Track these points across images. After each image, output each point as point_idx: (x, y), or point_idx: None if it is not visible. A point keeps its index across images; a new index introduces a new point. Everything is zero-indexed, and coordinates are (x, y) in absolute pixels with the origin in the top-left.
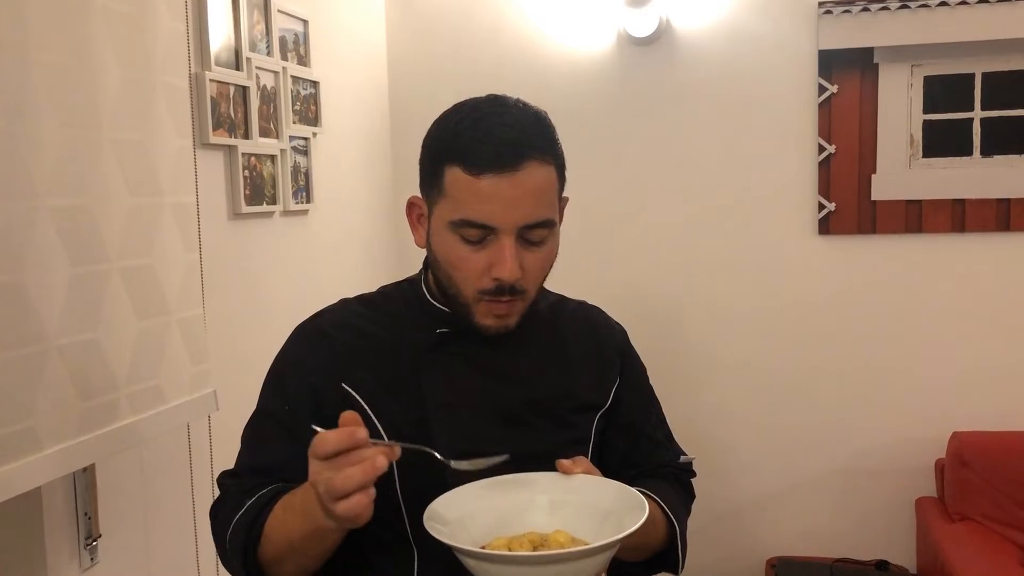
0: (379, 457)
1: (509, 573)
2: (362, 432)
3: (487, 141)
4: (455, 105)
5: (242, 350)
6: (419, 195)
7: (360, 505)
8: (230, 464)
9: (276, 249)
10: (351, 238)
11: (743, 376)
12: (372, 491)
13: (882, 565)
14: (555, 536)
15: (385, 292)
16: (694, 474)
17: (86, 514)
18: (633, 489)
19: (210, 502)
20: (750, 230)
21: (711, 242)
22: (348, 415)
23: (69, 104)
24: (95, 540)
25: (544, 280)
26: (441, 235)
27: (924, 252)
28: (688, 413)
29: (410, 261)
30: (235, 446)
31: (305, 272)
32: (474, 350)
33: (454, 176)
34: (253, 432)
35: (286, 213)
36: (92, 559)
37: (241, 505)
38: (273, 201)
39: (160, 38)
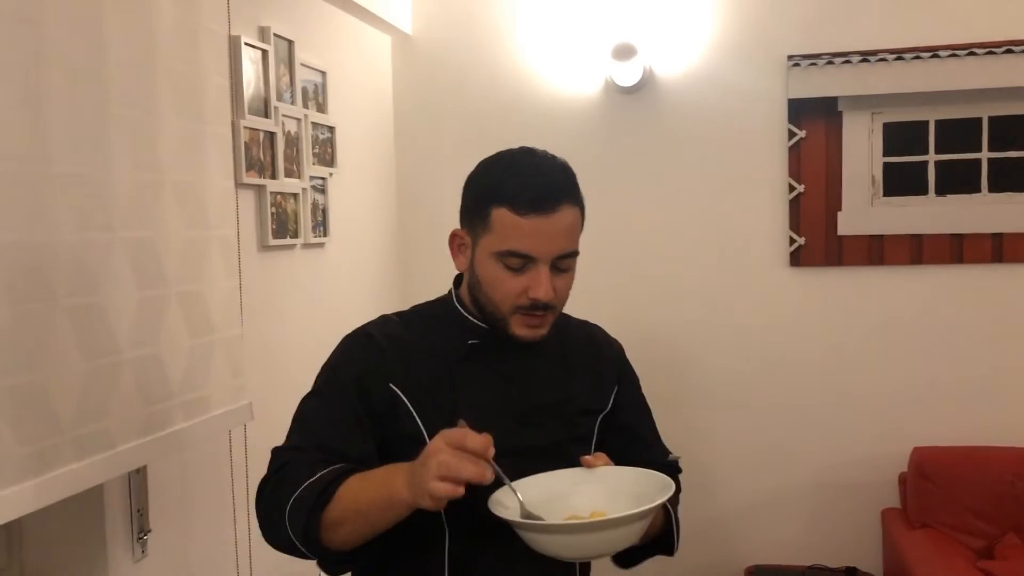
0: (489, 471)
1: (567, 540)
2: (492, 449)
3: (530, 187)
4: (495, 155)
5: (268, 368)
6: (460, 228)
7: (449, 491)
8: (263, 470)
9: (297, 277)
10: (361, 267)
11: (721, 396)
12: (462, 490)
13: (851, 571)
14: (594, 516)
15: (418, 310)
16: (680, 470)
17: (139, 510)
18: (653, 471)
19: (247, 506)
20: (728, 263)
21: (691, 274)
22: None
23: (139, 150)
24: (146, 534)
25: (567, 298)
26: (485, 262)
27: (886, 282)
28: (669, 430)
29: (412, 287)
30: (265, 453)
31: (322, 297)
32: (498, 360)
33: (501, 215)
34: (316, 412)
35: (306, 245)
36: (143, 552)
37: (315, 472)
38: (295, 235)
39: (209, 92)
